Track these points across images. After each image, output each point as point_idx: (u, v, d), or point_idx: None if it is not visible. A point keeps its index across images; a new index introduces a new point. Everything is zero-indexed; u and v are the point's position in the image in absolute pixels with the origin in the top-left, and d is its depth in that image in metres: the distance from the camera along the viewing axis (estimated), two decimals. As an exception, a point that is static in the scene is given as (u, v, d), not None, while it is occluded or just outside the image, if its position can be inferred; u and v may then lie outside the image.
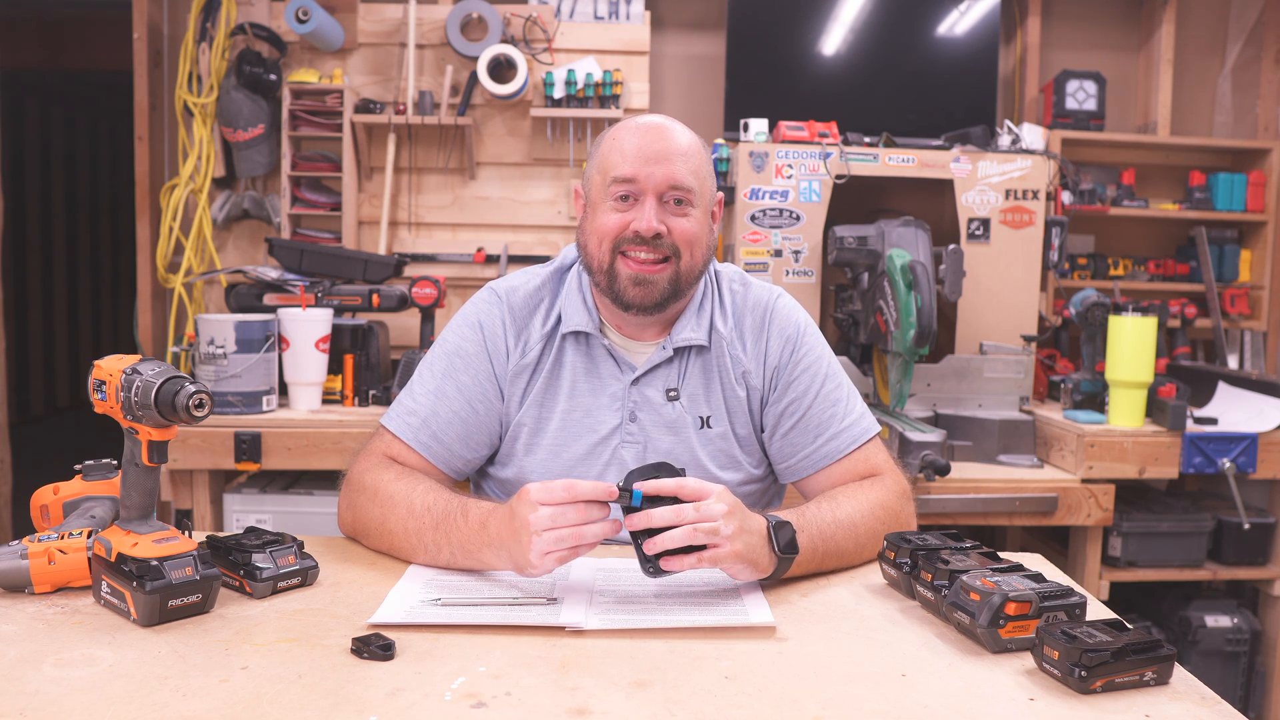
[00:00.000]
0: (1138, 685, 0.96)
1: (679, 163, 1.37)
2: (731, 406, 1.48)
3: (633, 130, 1.40)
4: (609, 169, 1.39)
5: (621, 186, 1.38)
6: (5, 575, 1.12)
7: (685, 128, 1.43)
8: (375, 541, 1.34)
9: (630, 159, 1.37)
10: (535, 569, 1.15)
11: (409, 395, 1.46)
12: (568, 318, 1.46)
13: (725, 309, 1.50)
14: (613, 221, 1.39)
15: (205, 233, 3.05)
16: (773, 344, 1.49)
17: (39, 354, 7.20)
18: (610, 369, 1.46)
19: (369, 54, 3.16)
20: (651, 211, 1.37)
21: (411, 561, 1.29)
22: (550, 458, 1.45)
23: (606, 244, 1.39)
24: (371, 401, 2.69)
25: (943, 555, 1.17)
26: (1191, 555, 2.66)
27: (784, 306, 1.52)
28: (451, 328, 1.50)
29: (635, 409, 1.45)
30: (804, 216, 2.76)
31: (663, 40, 3.36)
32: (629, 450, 1.45)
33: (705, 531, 1.13)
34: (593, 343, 1.46)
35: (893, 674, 0.99)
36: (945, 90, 3.26)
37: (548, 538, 1.12)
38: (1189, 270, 3.44)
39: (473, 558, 1.23)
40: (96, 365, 1.11)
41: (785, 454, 1.48)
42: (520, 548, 1.14)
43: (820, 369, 1.49)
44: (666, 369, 1.46)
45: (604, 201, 1.40)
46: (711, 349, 1.48)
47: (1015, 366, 2.73)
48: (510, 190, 3.21)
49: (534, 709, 0.89)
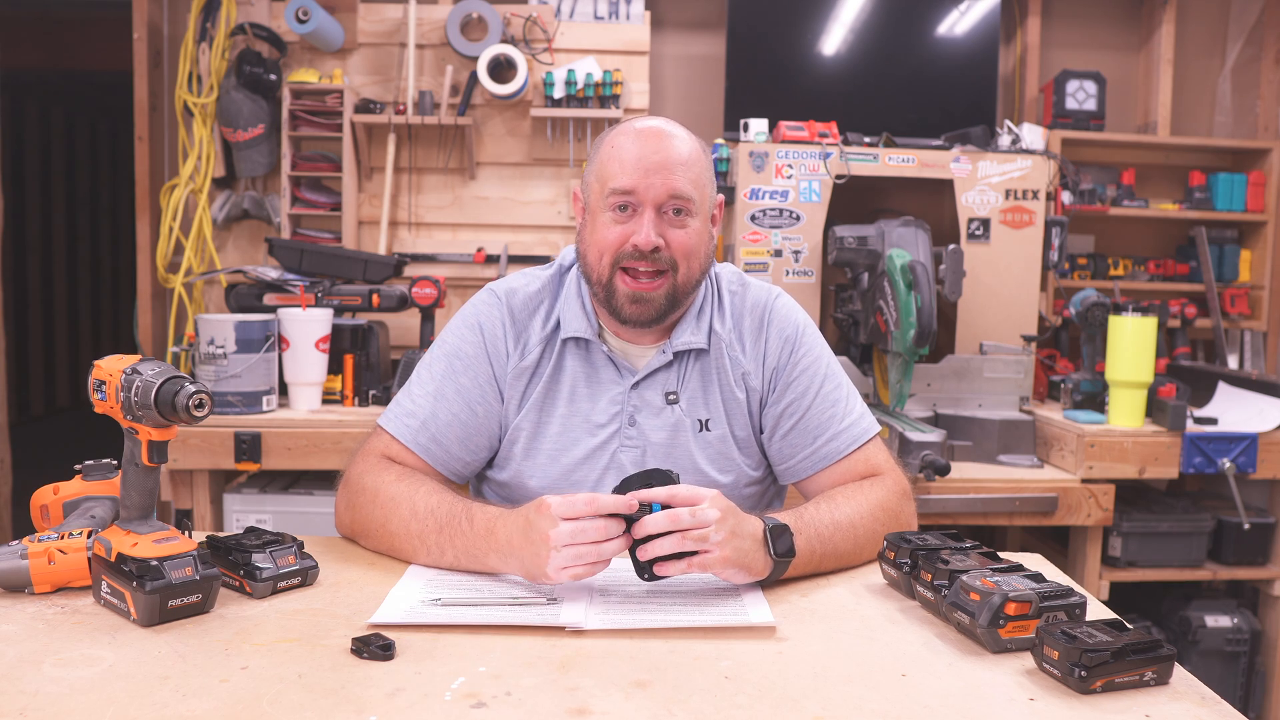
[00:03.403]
0: (1138, 685, 0.96)
1: (678, 173, 1.36)
2: (730, 409, 1.47)
3: (632, 137, 1.38)
4: (608, 178, 1.38)
5: (620, 198, 1.37)
6: (5, 575, 1.13)
7: (686, 132, 1.42)
8: (375, 543, 1.34)
9: (629, 169, 1.36)
10: (551, 581, 1.14)
11: (407, 396, 1.45)
12: (566, 323, 1.45)
13: (724, 311, 1.50)
14: (612, 235, 1.38)
15: (205, 233, 3.05)
16: (771, 345, 1.48)
17: (39, 354, 7.20)
18: (610, 374, 1.46)
19: (369, 54, 3.16)
20: (650, 225, 1.36)
21: (413, 562, 1.29)
22: (549, 462, 1.45)
23: (607, 258, 1.38)
24: (371, 401, 2.70)
25: (943, 555, 1.17)
26: (1191, 555, 2.66)
27: (782, 307, 1.51)
28: (451, 329, 1.49)
29: (634, 413, 1.45)
30: (804, 216, 2.76)
31: (663, 40, 3.36)
32: (627, 454, 1.44)
33: (694, 538, 1.13)
34: (592, 348, 1.46)
35: (893, 674, 0.99)
36: (945, 90, 3.26)
37: (567, 553, 1.12)
38: (1189, 270, 3.44)
39: (478, 562, 1.23)
40: (96, 365, 1.11)
41: (785, 455, 1.47)
42: (538, 560, 1.13)
43: (819, 369, 1.48)
44: (666, 373, 1.46)
45: (603, 211, 1.39)
46: (711, 352, 1.47)
47: (1015, 366, 2.73)
48: (510, 190, 3.21)
49: (534, 709, 0.89)
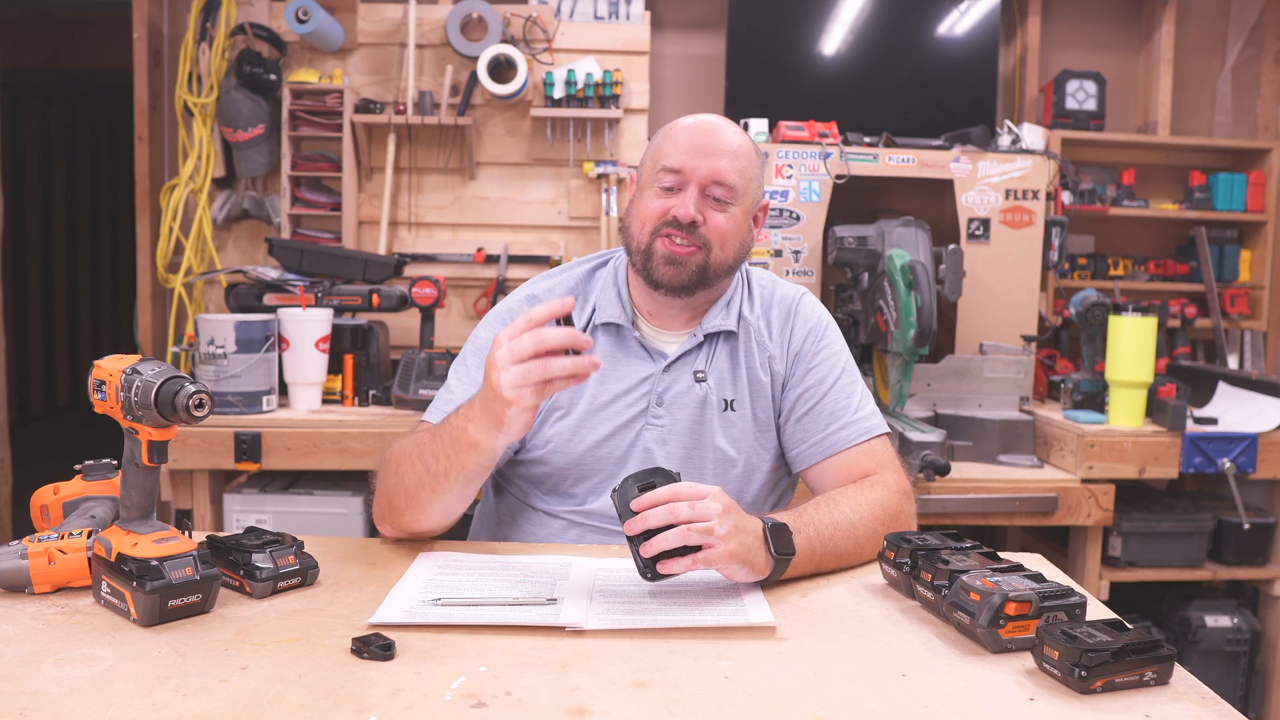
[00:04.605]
0: (1138, 685, 0.96)
1: (725, 159, 1.44)
2: (755, 391, 1.53)
3: (688, 125, 1.47)
4: (660, 157, 1.46)
5: (668, 176, 1.44)
6: (5, 575, 1.12)
7: (741, 131, 1.49)
8: (401, 502, 1.33)
9: (681, 150, 1.44)
10: (512, 403, 1.15)
11: (446, 390, 1.51)
12: (601, 309, 1.53)
13: (753, 301, 1.57)
14: (655, 206, 1.45)
15: (205, 233, 3.04)
16: (797, 333, 1.55)
17: (39, 354, 7.19)
18: (641, 357, 1.51)
19: (369, 54, 3.16)
20: (692, 200, 1.43)
21: (431, 503, 1.29)
22: (573, 437, 1.48)
23: (649, 226, 1.46)
24: (371, 401, 2.69)
25: (943, 555, 1.17)
26: (1191, 555, 2.66)
27: (810, 302, 1.60)
28: (484, 324, 1.56)
29: (663, 394, 1.49)
30: (804, 216, 2.76)
31: (663, 40, 3.36)
32: (652, 432, 1.48)
33: (699, 531, 1.13)
34: (624, 334, 1.52)
35: (893, 674, 0.99)
36: (945, 90, 3.26)
37: (515, 371, 1.14)
38: (1189, 270, 3.43)
39: (463, 444, 1.24)
40: (96, 365, 1.11)
41: (796, 440, 1.52)
42: (492, 389, 1.16)
43: (839, 362, 1.55)
44: (695, 354, 1.52)
45: (650, 187, 1.47)
46: (739, 335, 1.54)
47: (1015, 366, 2.73)
48: (510, 190, 3.21)
49: (534, 709, 0.89)
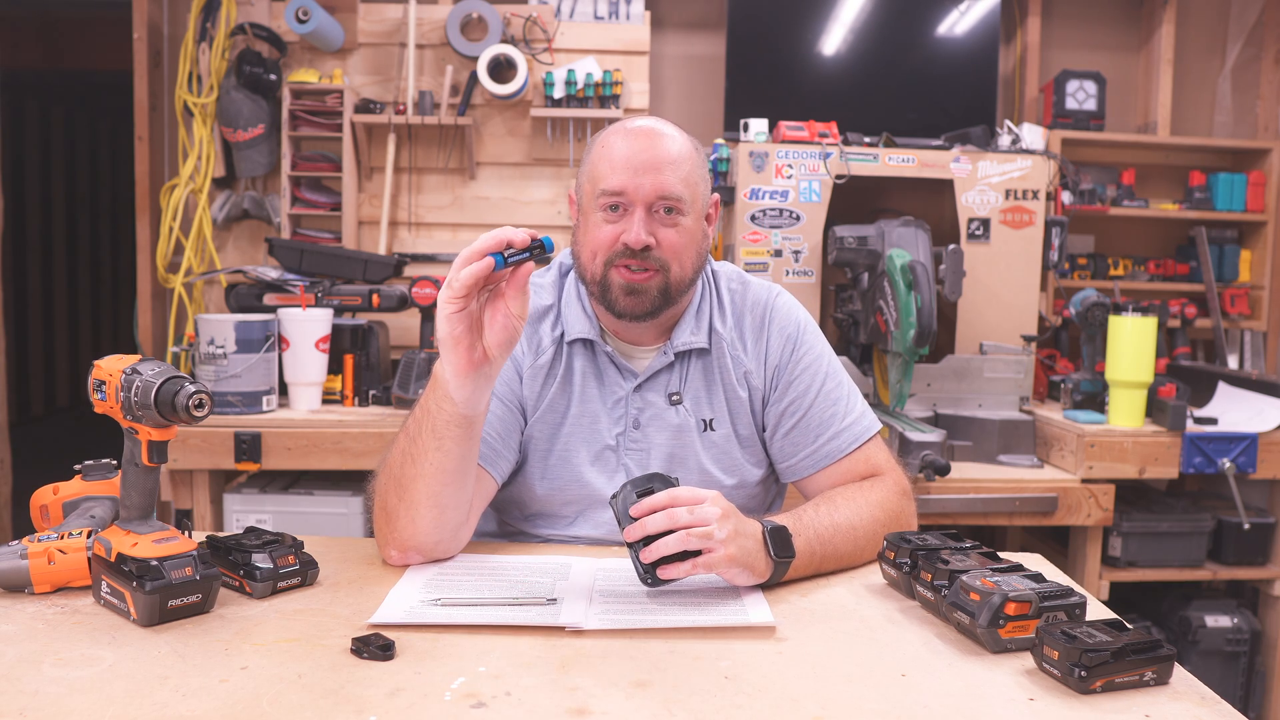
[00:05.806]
0: (1138, 685, 0.96)
1: (668, 172, 1.35)
2: (734, 407, 1.47)
3: (622, 136, 1.38)
4: (598, 179, 1.38)
5: (611, 198, 1.36)
6: (5, 575, 1.12)
7: (677, 131, 1.41)
8: (394, 498, 1.27)
9: (619, 169, 1.35)
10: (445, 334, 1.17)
11: None
12: (569, 325, 1.46)
13: (724, 310, 1.50)
14: (604, 235, 1.38)
15: (205, 233, 3.04)
16: (773, 343, 1.48)
17: (39, 354, 7.19)
18: (613, 375, 1.46)
19: (369, 54, 3.16)
20: (640, 224, 1.35)
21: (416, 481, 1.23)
22: (560, 464, 1.45)
23: (600, 258, 1.39)
24: (371, 401, 2.70)
25: (943, 555, 1.17)
26: (1191, 555, 2.66)
27: (783, 305, 1.51)
28: None
29: (638, 415, 1.45)
30: (804, 216, 2.76)
31: (663, 40, 3.36)
32: (633, 457, 1.44)
33: (699, 535, 1.13)
34: (596, 349, 1.46)
35: (893, 674, 0.99)
36: (945, 90, 3.26)
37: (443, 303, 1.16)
38: (1189, 270, 3.43)
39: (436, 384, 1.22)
40: (96, 365, 1.11)
41: (786, 453, 1.47)
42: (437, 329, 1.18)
43: (821, 367, 1.48)
44: (668, 374, 1.46)
45: (594, 212, 1.39)
46: (712, 351, 1.47)
47: (1015, 366, 2.72)
48: (510, 190, 3.21)
49: (534, 709, 0.89)
